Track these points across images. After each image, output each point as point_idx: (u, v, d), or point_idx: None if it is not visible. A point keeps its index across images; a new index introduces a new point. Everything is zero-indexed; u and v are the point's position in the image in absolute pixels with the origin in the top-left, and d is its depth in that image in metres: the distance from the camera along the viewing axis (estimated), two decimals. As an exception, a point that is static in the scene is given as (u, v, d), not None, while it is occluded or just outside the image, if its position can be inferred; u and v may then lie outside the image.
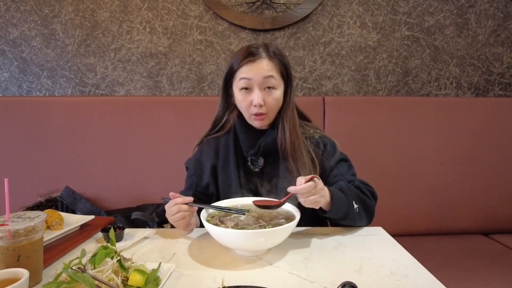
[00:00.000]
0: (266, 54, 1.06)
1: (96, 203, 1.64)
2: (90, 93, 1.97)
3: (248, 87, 1.05)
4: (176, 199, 0.97)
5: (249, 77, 1.04)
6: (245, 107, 1.08)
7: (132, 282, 0.68)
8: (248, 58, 1.04)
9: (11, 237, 0.72)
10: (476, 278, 1.31)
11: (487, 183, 1.73)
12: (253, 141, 1.11)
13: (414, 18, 1.97)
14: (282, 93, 1.09)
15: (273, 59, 1.06)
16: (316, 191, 0.88)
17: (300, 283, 0.75)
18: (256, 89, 1.04)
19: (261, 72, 1.04)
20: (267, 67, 1.04)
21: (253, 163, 1.14)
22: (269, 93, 1.06)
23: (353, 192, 1.01)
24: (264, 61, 1.05)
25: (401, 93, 2.02)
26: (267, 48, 1.07)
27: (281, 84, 1.08)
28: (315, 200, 0.88)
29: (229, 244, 0.88)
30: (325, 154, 1.12)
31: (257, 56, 1.05)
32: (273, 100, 1.06)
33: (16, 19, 1.90)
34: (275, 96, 1.06)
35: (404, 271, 0.80)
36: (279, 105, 1.09)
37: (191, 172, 1.22)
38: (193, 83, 1.98)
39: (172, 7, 1.92)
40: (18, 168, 1.65)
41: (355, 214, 0.99)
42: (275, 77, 1.05)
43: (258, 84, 1.04)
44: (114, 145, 1.68)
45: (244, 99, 1.07)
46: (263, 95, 1.05)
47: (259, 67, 1.04)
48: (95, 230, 1.05)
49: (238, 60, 1.06)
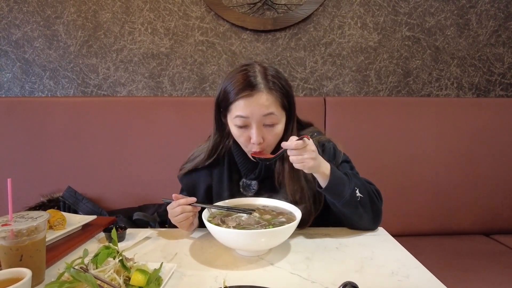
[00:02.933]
0: (265, 85, 0.94)
1: (98, 203, 1.65)
2: (92, 93, 1.97)
3: (245, 125, 0.97)
4: (179, 200, 0.97)
5: (246, 115, 0.94)
6: (243, 142, 1.01)
7: (134, 282, 0.69)
8: (245, 91, 0.93)
9: (14, 237, 0.72)
10: (477, 278, 1.31)
11: (489, 183, 1.72)
12: (252, 165, 1.07)
13: (415, 19, 1.97)
14: (283, 126, 1.01)
15: (273, 91, 0.95)
16: (305, 150, 0.87)
17: (301, 283, 0.75)
18: (254, 127, 0.95)
19: (259, 110, 0.94)
20: (266, 102, 0.94)
21: (245, 188, 1.10)
22: (269, 130, 0.97)
23: (359, 180, 0.98)
24: (263, 96, 0.94)
25: (402, 93, 2.02)
26: (266, 77, 0.96)
27: (282, 117, 1.00)
28: (302, 160, 0.87)
29: (231, 244, 0.88)
30: (325, 159, 1.09)
31: (255, 89, 0.93)
32: (274, 136, 0.99)
33: (19, 20, 1.91)
34: (275, 132, 0.99)
35: (405, 271, 0.80)
36: (279, 139, 1.01)
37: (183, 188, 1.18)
38: (195, 84, 1.99)
39: (173, 8, 1.92)
40: (21, 168, 1.66)
41: (358, 203, 0.94)
42: (275, 112, 0.96)
43: (256, 122, 0.95)
44: (116, 146, 1.69)
45: (241, 135, 0.99)
46: (262, 132, 0.96)
47: (258, 103, 0.93)
48: (97, 230, 1.06)
49: (234, 91, 0.95)
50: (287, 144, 0.88)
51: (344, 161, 1.10)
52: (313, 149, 0.89)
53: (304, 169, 0.90)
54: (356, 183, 0.96)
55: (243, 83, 0.94)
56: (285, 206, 0.99)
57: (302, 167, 0.89)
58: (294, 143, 0.86)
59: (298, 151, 0.87)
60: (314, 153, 0.89)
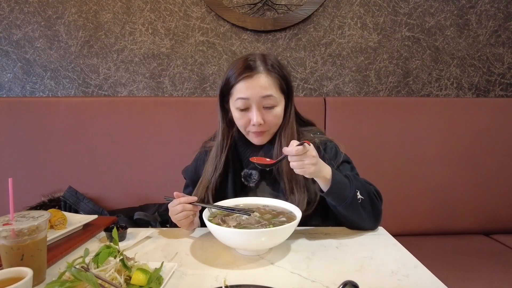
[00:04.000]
0: (264, 68, 1.00)
1: (99, 203, 1.65)
2: (93, 93, 1.98)
3: (246, 107, 1.01)
4: (180, 198, 0.97)
5: (247, 96, 0.99)
6: (243, 125, 1.04)
7: (134, 281, 0.69)
8: (245, 73, 0.99)
9: (15, 236, 0.72)
10: (477, 278, 1.31)
11: (488, 183, 1.73)
12: (253, 155, 1.09)
13: (415, 19, 1.97)
14: (282, 109, 1.05)
15: (272, 73, 1.01)
16: (305, 156, 0.87)
17: (301, 282, 0.75)
18: (254, 108, 1.00)
19: (259, 91, 0.99)
20: (265, 83, 0.99)
21: (246, 178, 1.12)
22: (268, 111, 1.02)
23: (359, 182, 0.98)
24: (262, 77, 0.99)
25: (402, 93, 2.03)
26: (265, 61, 1.02)
27: (281, 100, 1.04)
28: (303, 166, 0.87)
29: (231, 244, 0.89)
30: (326, 158, 1.08)
31: (254, 71, 0.99)
32: (273, 118, 1.03)
33: (20, 21, 1.91)
34: (275, 113, 1.02)
35: (405, 270, 0.80)
36: (280, 121, 1.06)
37: (188, 183, 1.21)
38: (195, 84, 1.99)
39: (174, 8, 1.93)
40: (22, 168, 1.66)
41: (358, 205, 0.95)
42: (274, 94, 1.00)
43: (256, 103, 1.00)
44: (117, 145, 1.69)
45: (242, 117, 1.03)
46: (262, 114, 1.01)
47: (257, 85, 0.99)
48: (98, 230, 1.06)
49: (235, 74, 1.00)
50: (287, 149, 0.88)
51: (345, 161, 1.10)
52: (313, 155, 0.89)
53: (305, 174, 0.90)
54: (357, 185, 0.96)
55: (243, 66, 1.00)
56: (285, 206, 1.00)
57: (303, 172, 0.89)
58: (295, 148, 0.86)
59: (298, 157, 0.87)
60: (314, 159, 0.88)
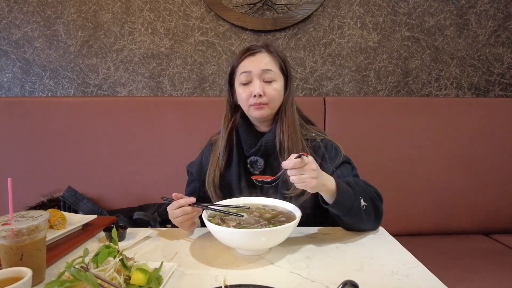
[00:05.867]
0: (265, 49, 1.11)
1: (98, 203, 1.65)
2: (92, 93, 1.98)
3: (248, 81, 1.08)
4: (179, 201, 0.97)
5: (249, 69, 1.07)
6: (245, 98, 1.09)
7: (134, 281, 0.69)
8: (248, 52, 1.10)
9: (15, 236, 0.72)
10: (477, 278, 1.31)
11: (488, 183, 1.73)
12: (255, 141, 1.12)
13: (415, 19, 1.97)
14: (282, 86, 1.11)
15: (272, 54, 1.11)
16: (303, 170, 0.84)
17: (301, 282, 0.75)
18: (256, 79, 1.07)
19: (259, 65, 1.07)
20: (266, 60, 1.09)
21: (252, 165, 1.14)
22: (268, 84, 1.08)
23: (362, 188, 0.97)
24: (263, 55, 1.09)
25: (402, 93, 2.03)
26: (267, 46, 1.12)
27: (280, 77, 1.11)
28: (303, 180, 0.84)
29: (231, 244, 0.88)
30: (326, 157, 1.10)
31: (256, 50, 1.10)
32: (273, 90, 1.08)
33: (19, 20, 1.91)
34: (274, 87, 1.08)
35: (405, 270, 0.80)
36: (279, 98, 1.10)
37: (193, 177, 1.23)
38: (195, 84, 1.99)
39: (173, 8, 1.93)
40: (21, 168, 1.66)
41: (362, 212, 0.93)
42: (274, 70, 1.09)
43: (257, 75, 1.07)
44: (116, 145, 1.69)
45: (244, 91, 1.09)
46: (263, 86, 1.07)
47: (258, 60, 1.08)
48: (98, 230, 1.06)
49: (238, 57, 1.12)
50: (285, 163, 0.85)
51: (346, 161, 1.10)
52: (313, 168, 0.85)
53: (306, 189, 0.87)
54: (360, 192, 0.95)
55: (246, 49, 1.11)
56: (285, 206, 1.00)
57: (304, 187, 0.86)
58: (292, 161, 0.83)
59: (297, 170, 0.84)
60: (315, 172, 0.85)
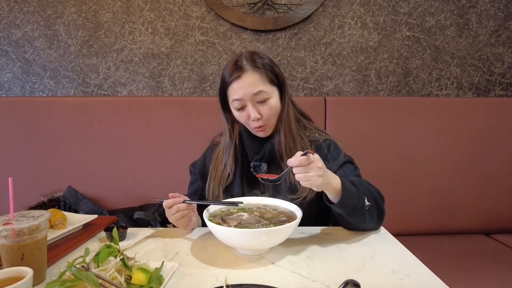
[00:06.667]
0: (250, 65, 1.05)
1: (99, 202, 1.65)
2: (93, 93, 1.98)
3: (242, 106, 1.07)
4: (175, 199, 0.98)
5: (240, 97, 1.05)
6: (245, 122, 1.10)
7: (135, 280, 0.69)
8: (234, 74, 1.05)
9: (16, 236, 0.72)
10: (478, 277, 1.31)
11: (489, 183, 1.73)
12: (259, 147, 1.13)
13: (415, 19, 1.97)
14: (277, 99, 1.09)
15: (259, 69, 1.05)
16: (309, 168, 0.83)
17: (302, 282, 0.75)
18: (249, 105, 1.05)
19: (249, 89, 1.03)
20: (253, 81, 1.04)
21: (255, 169, 1.15)
22: (263, 104, 1.06)
23: (365, 187, 0.96)
24: (249, 75, 1.04)
25: (402, 93, 2.03)
26: (251, 58, 1.06)
27: (273, 91, 1.08)
28: (309, 178, 0.83)
29: (232, 243, 0.88)
30: (329, 157, 1.10)
31: (242, 71, 1.04)
32: (269, 110, 1.06)
33: (19, 20, 1.91)
34: (270, 106, 1.06)
35: (406, 270, 0.80)
36: (277, 112, 1.09)
37: (196, 177, 1.23)
38: (195, 84, 1.99)
39: (174, 8, 1.93)
40: (21, 168, 1.66)
41: (365, 212, 0.93)
42: (265, 89, 1.05)
43: (250, 101, 1.05)
44: (117, 145, 1.69)
45: (241, 115, 1.08)
46: (258, 109, 1.05)
47: (247, 83, 1.03)
48: (98, 230, 1.06)
49: (226, 76, 1.07)
50: (290, 161, 0.84)
51: (348, 161, 1.10)
52: (319, 166, 0.84)
53: (312, 187, 0.86)
54: (364, 191, 0.94)
55: (232, 67, 1.07)
56: (285, 206, 1.00)
57: (309, 185, 0.85)
58: (298, 159, 0.83)
59: (303, 168, 0.83)
60: (321, 170, 0.84)
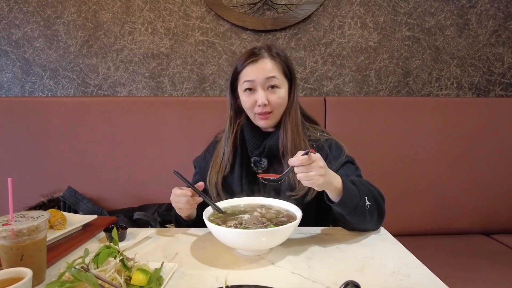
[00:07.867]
0: (268, 54, 1.08)
1: (98, 203, 1.65)
2: (93, 93, 1.97)
3: (251, 88, 1.07)
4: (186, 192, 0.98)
5: (252, 78, 1.06)
6: (250, 107, 1.09)
7: (135, 281, 0.69)
8: (250, 58, 1.07)
9: (15, 237, 0.72)
10: (478, 278, 1.31)
11: (488, 183, 1.72)
12: (259, 142, 1.13)
13: (415, 19, 1.97)
14: (286, 92, 1.10)
15: (275, 59, 1.08)
16: (311, 167, 0.83)
17: (302, 282, 0.75)
18: (259, 89, 1.06)
19: (263, 73, 1.05)
20: (269, 67, 1.06)
21: (256, 164, 1.15)
22: (272, 92, 1.07)
23: (366, 187, 0.96)
24: (266, 61, 1.06)
25: (402, 93, 2.03)
26: (270, 49, 1.09)
27: (284, 83, 1.10)
28: (310, 178, 0.83)
29: (232, 244, 0.88)
30: (330, 157, 1.09)
31: (259, 56, 1.07)
32: (277, 99, 1.07)
33: (19, 20, 1.91)
34: (279, 95, 1.07)
35: (406, 270, 0.80)
36: (284, 104, 1.10)
37: (197, 171, 1.25)
38: (195, 84, 1.99)
39: (174, 8, 1.92)
40: (21, 168, 1.66)
41: (366, 212, 0.92)
42: (277, 76, 1.07)
43: (261, 84, 1.06)
44: (116, 146, 1.69)
45: (248, 99, 1.08)
46: (267, 95, 1.06)
47: (261, 67, 1.06)
48: (98, 230, 1.06)
49: (241, 62, 1.09)
50: (292, 160, 0.84)
51: (349, 161, 1.10)
52: (321, 165, 0.84)
53: (313, 186, 0.86)
54: (365, 191, 0.94)
55: (248, 54, 1.08)
56: (286, 206, 1.00)
57: (311, 184, 0.85)
58: (300, 158, 0.82)
59: (304, 167, 0.83)
60: (322, 170, 0.84)
